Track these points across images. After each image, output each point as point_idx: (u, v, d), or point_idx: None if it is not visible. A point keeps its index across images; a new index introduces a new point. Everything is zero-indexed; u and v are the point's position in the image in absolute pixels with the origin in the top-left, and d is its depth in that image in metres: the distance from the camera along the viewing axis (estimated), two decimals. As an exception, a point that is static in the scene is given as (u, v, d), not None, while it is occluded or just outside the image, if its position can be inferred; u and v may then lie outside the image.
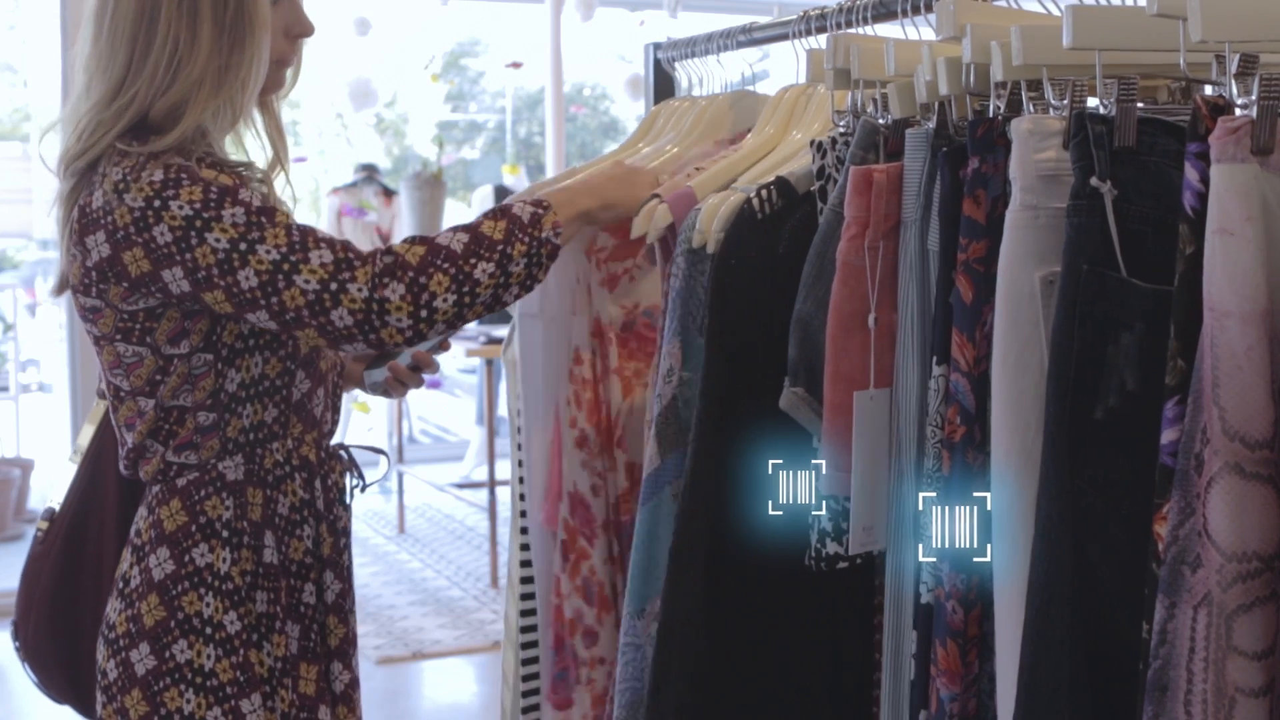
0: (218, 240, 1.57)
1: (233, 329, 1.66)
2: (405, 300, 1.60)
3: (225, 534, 1.69)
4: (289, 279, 1.58)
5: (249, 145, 1.78)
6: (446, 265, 1.62)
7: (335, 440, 1.86)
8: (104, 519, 1.82)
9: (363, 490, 1.86)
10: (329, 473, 1.80)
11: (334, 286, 1.58)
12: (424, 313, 1.61)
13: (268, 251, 1.58)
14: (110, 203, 1.59)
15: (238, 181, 1.62)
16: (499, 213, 1.69)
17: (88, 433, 1.87)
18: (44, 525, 1.84)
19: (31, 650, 1.83)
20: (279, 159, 1.78)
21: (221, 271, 1.58)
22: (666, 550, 1.68)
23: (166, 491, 1.70)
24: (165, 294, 1.61)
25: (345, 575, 1.81)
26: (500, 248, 1.65)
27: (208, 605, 1.67)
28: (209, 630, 1.67)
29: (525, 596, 2.08)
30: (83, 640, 1.78)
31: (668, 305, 1.72)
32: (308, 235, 1.60)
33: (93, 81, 1.66)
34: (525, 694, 2.08)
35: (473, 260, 1.63)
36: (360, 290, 1.59)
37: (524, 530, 2.08)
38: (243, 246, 1.57)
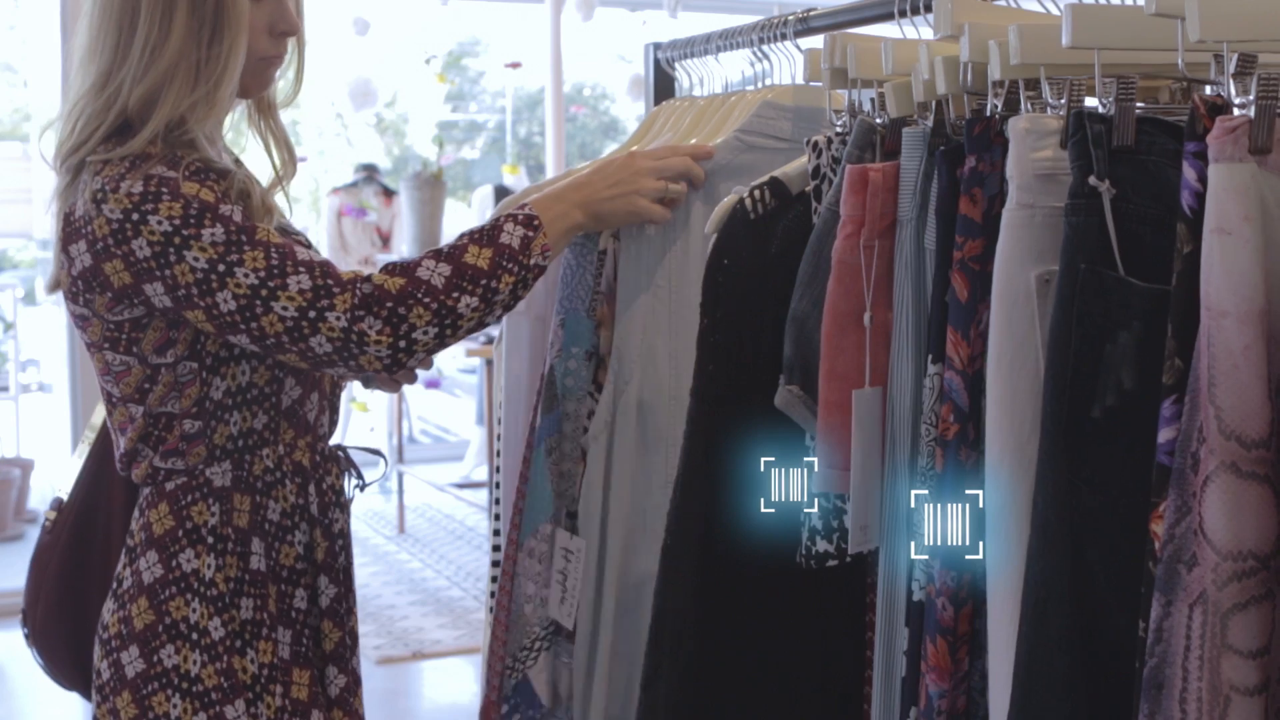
0: (196, 259, 1.55)
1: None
2: (384, 334, 1.57)
3: (210, 540, 1.68)
4: (267, 305, 1.56)
5: (252, 155, 1.76)
6: (428, 300, 1.59)
7: (333, 441, 1.84)
8: (111, 510, 1.81)
9: (361, 490, 1.84)
10: (324, 476, 1.78)
11: (312, 314, 1.56)
12: (403, 343, 1.59)
13: (245, 275, 1.56)
14: (90, 213, 1.58)
15: (219, 196, 1.59)
16: (485, 237, 1.65)
17: (95, 425, 1.86)
18: (52, 515, 1.84)
19: (40, 636, 1.83)
20: (279, 173, 1.75)
21: (201, 292, 1.56)
22: (542, 492, 1.85)
23: (156, 495, 1.69)
24: (149, 305, 1.60)
25: (341, 579, 1.79)
26: (485, 281, 1.62)
27: (194, 611, 1.66)
28: (194, 636, 1.66)
29: (493, 579, 2.12)
30: (90, 628, 1.78)
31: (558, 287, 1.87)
32: (286, 258, 1.57)
33: (84, 69, 1.65)
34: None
35: (455, 294, 1.60)
36: (339, 319, 1.57)
37: (497, 516, 2.13)
38: (221, 268, 1.55)
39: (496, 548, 2.14)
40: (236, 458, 1.69)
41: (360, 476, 1.84)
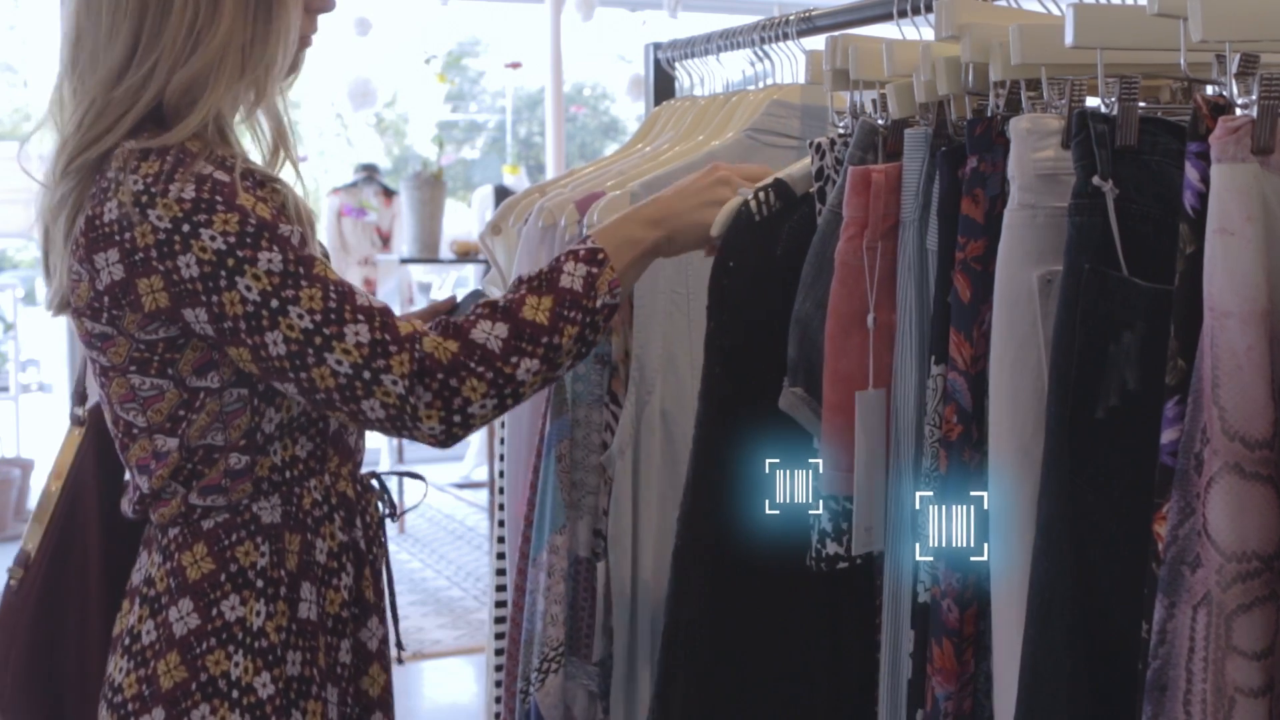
0: (248, 288, 1.36)
1: None
2: (434, 408, 1.39)
3: (260, 584, 1.47)
4: (320, 355, 1.37)
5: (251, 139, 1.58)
6: (483, 369, 1.40)
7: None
8: (86, 561, 1.59)
9: (393, 520, 1.66)
10: (366, 507, 1.59)
11: (367, 375, 1.37)
12: (457, 418, 1.40)
13: (300, 316, 1.36)
14: (129, 217, 1.37)
15: (274, 213, 1.40)
16: (544, 284, 1.46)
17: (60, 467, 1.63)
18: (19, 573, 1.61)
19: (9, 705, 1.61)
20: (286, 153, 1.55)
21: (249, 328, 1.37)
22: (553, 502, 1.81)
23: (188, 535, 1.48)
24: (187, 331, 1.41)
25: (386, 618, 1.62)
26: (545, 339, 1.43)
27: (236, 665, 1.45)
28: (235, 694, 1.44)
29: (499, 588, 2.11)
30: (64, 692, 1.60)
31: None
32: (345, 301, 1.38)
33: (97, 54, 1.43)
34: (497, 683, 2.10)
35: (514, 359, 1.41)
36: (395, 384, 1.37)
37: (501, 524, 2.12)
38: (274, 304, 1.36)
39: (501, 555, 2.12)
40: (285, 491, 1.50)
41: (393, 505, 1.65)
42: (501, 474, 2.14)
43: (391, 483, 1.68)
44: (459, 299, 1.78)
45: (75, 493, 1.61)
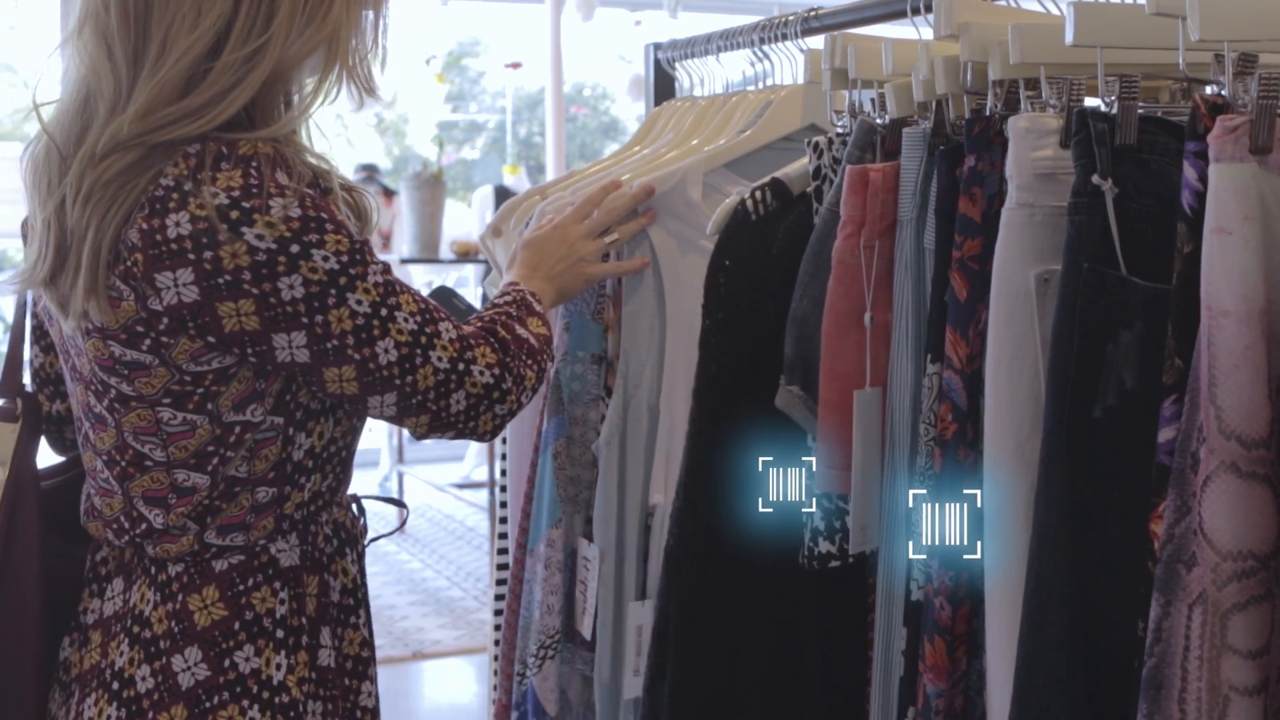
0: (359, 302, 1.29)
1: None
2: (511, 393, 1.40)
3: (280, 634, 1.37)
4: (425, 354, 1.33)
5: None
6: (529, 360, 1.43)
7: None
8: (24, 587, 1.40)
9: (367, 544, 1.54)
10: (358, 534, 1.50)
11: (461, 366, 1.35)
12: (515, 407, 1.41)
13: (406, 320, 1.32)
14: (212, 235, 1.23)
15: (360, 233, 1.34)
16: (525, 309, 1.52)
17: None
18: None
19: None
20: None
21: (359, 342, 1.29)
22: (549, 497, 1.85)
23: (196, 576, 1.36)
24: (264, 359, 1.30)
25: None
26: (549, 348, 1.51)
27: None
28: None
29: (500, 582, 2.12)
30: None
31: None
32: (426, 301, 1.37)
33: (180, 16, 1.27)
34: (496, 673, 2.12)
35: (543, 356, 1.47)
36: (483, 373, 1.37)
37: (503, 520, 2.14)
38: (384, 312, 1.30)
39: (503, 550, 2.14)
40: (302, 529, 1.41)
41: (366, 529, 1.54)
42: (504, 473, 2.16)
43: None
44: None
45: (15, 506, 1.42)
